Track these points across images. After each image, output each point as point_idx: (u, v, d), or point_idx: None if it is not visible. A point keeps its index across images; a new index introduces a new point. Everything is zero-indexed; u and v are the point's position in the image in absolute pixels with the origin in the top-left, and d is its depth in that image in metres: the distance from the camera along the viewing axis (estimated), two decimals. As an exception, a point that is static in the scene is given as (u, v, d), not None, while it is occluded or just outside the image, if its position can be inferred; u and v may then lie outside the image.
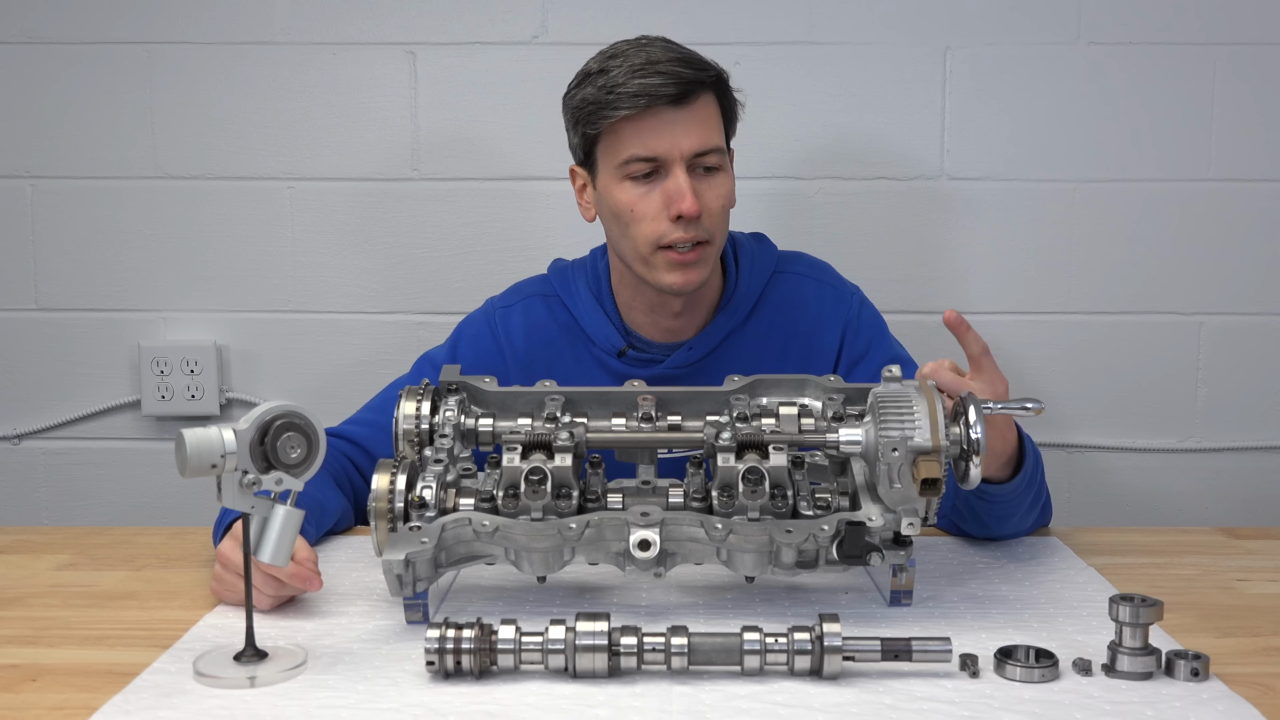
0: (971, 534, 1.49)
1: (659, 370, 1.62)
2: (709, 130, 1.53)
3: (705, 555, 1.21)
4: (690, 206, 1.50)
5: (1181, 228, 2.07)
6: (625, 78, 1.49)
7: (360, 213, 2.10)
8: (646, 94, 1.49)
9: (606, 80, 1.51)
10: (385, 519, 1.21)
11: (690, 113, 1.51)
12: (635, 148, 1.51)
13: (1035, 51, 2.03)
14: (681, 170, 1.51)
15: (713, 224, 1.54)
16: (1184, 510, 2.12)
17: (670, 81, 1.49)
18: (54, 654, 1.17)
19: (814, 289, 1.68)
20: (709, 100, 1.54)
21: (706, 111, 1.53)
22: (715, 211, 1.54)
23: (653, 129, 1.51)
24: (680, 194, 1.50)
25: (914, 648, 1.07)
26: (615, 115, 1.50)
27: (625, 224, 1.54)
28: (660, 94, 1.49)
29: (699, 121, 1.52)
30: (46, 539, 1.57)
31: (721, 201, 1.55)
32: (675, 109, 1.50)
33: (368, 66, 2.06)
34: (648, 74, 1.49)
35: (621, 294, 1.65)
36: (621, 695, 1.05)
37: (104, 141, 2.09)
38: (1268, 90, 2.03)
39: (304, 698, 1.05)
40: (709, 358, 1.63)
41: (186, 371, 2.10)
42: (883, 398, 1.19)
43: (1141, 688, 1.06)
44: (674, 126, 1.50)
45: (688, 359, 1.63)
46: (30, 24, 2.06)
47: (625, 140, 1.52)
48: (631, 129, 1.51)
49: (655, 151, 1.51)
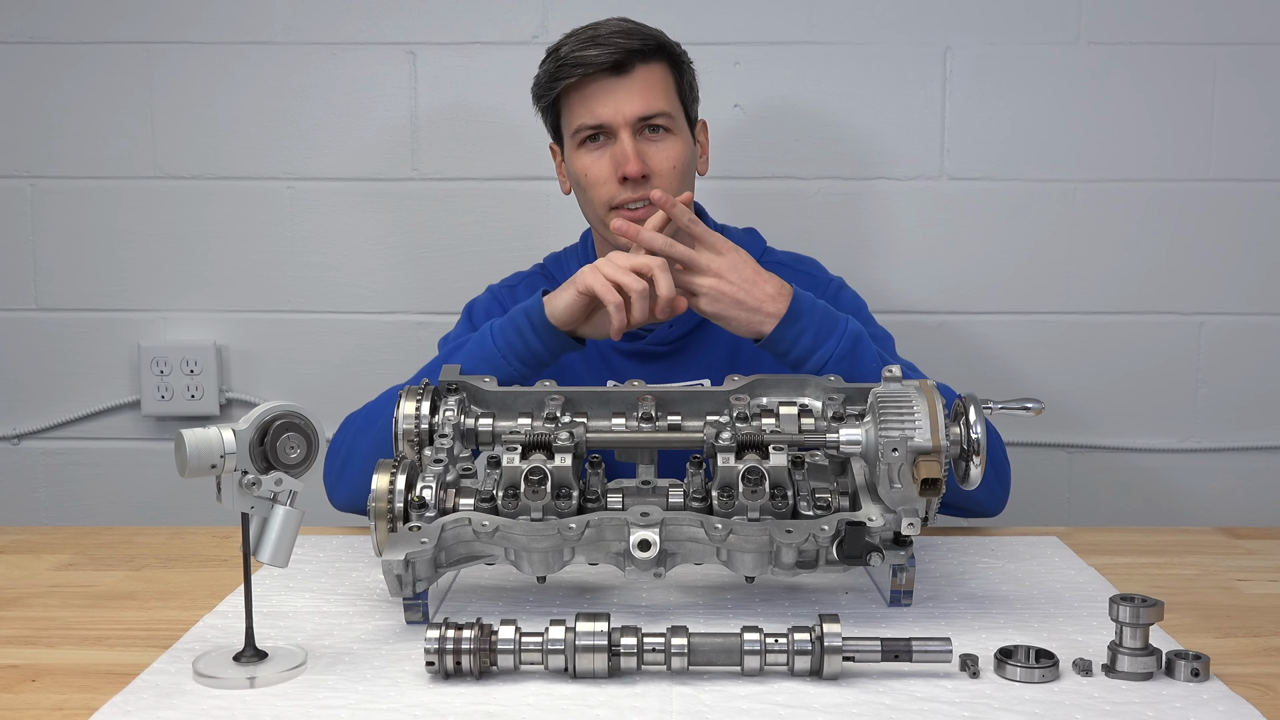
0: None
1: (640, 345, 1.68)
2: (653, 96, 1.60)
3: (705, 555, 1.21)
4: (634, 168, 1.58)
5: (1181, 228, 2.06)
6: (570, 49, 1.60)
7: (360, 213, 2.10)
8: (584, 64, 1.58)
9: (559, 54, 1.61)
10: (385, 519, 1.21)
11: (631, 80, 1.59)
12: (582, 116, 1.61)
13: (1035, 51, 2.03)
14: (627, 134, 1.59)
15: (664, 184, 1.60)
16: (1184, 510, 2.12)
17: (608, 51, 1.58)
18: (54, 654, 1.16)
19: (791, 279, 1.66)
20: (655, 69, 1.62)
21: (650, 78, 1.61)
22: (665, 172, 1.61)
23: (596, 96, 1.60)
24: (625, 157, 1.58)
25: (914, 648, 1.07)
26: (558, 86, 1.61)
27: (584, 189, 1.64)
28: (597, 63, 1.58)
29: (642, 88, 1.60)
30: (46, 539, 1.57)
31: (672, 163, 1.61)
32: (616, 77, 1.59)
33: (368, 66, 2.06)
34: (588, 46, 1.59)
35: None
36: (621, 695, 1.04)
37: (104, 141, 2.09)
38: (1268, 90, 2.03)
39: (304, 698, 1.05)
40: (692, 335, 1.69)
41: (186, 371, 2.10)
42: (883, 398, 1.19)
43: (1142, 688, 1.06)
44: (615, 94, 1.59)
45: (668, 335, 1.69)
46: (30, 24, 2.06)
47: (574, 109, 1.62)
48: (579, 98, 1.61)
49: (599, 119, 1.60)
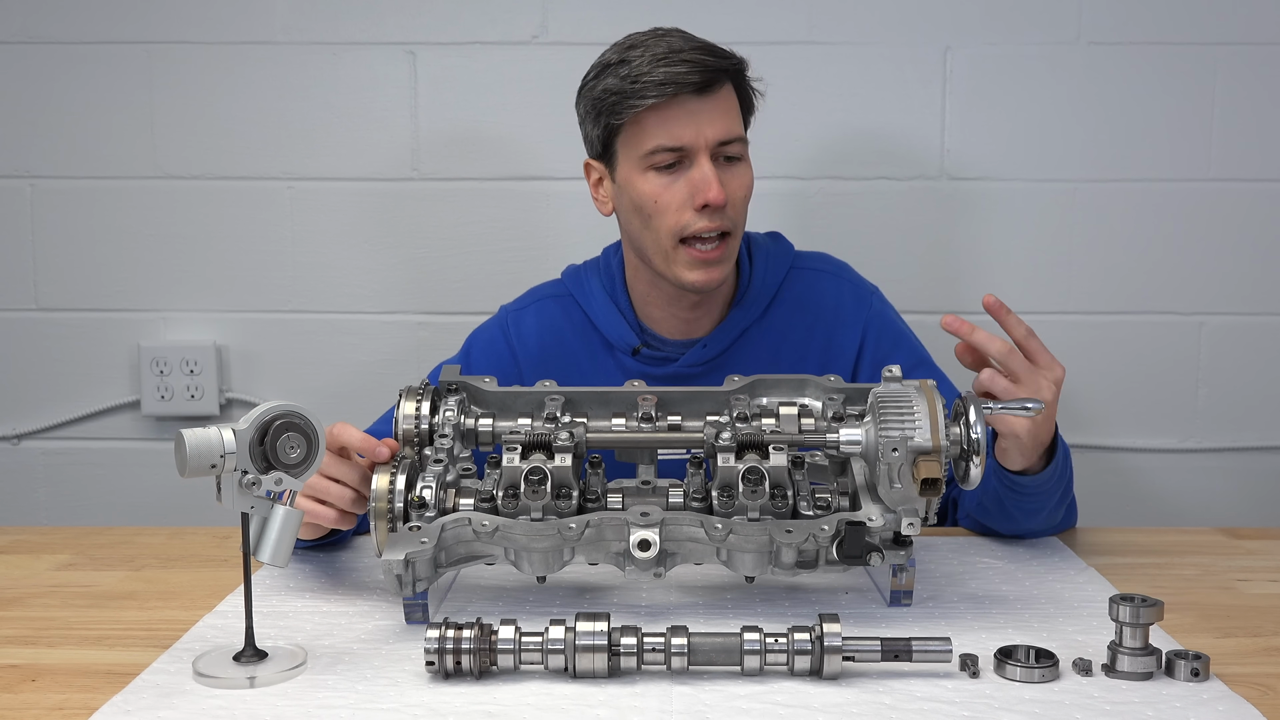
0: (997, 531, 1.48)
1: (674, 369, 1.61)
2: (731, 119, 1.52)
3: (705, 555, 1.21)
4: (717, 195, 1.48)
5: (1181, 228, 2.06)
6: (650, 66, 1.48)
7: (360, 213, 2.10)
8: (673, 82, 1.47)
9: (630, 70, 1.49)
10: (385, 519, 1.21)
11: (714, 101, 1.50)
12: (661, 138, 1.50)
13: (1035, 51, 2.03)
14: (706, 159, 1.50)
15: (736, 214, 1.54)
16: (1184, 510, 2.12)
17: (695, 69, 1.48)
18: (54, 654, 1.16)
19: (832, 285, 1.67)
20: (730, 89, 1.53)
21: (729, 101, 1.53)
22: (738, 201, 1.54)
23: (678, 118, 1.49)
24: (706, 183, 1.49)
25: (914, 648, 1.07)
26: (641, 104, 1.48)
27: (648, 215, 1.53)
28: (686, 82, 1.47)
29: (722, 110, 1.51)
30: (46, 539, 1.57)
31: (744, 191, 1.54)
32: (699, 98, 1.49)
33: (368, 66, 2.06)
34: (672, 62, 1.47)
35: (636, 289, 1.63)
36: (621, 695, 1.04)
37: (104, 141, 2.09)
38: (1268, 90, 2.03)
39: (304, 698, 1.05)
40: (725, 355, 1.61)
41: (186, 371, 2.10)
42: (883, 398, 1.19)
43: (1142, 688, 1.06)
44: (698, 115, 1.49)
45: (702, 356, 1.61)
46: (30, 24, 2.06)
47: (649, 130, 1.50)
48: (656, 119, 1.49)
49: (681, 141, 1.49)
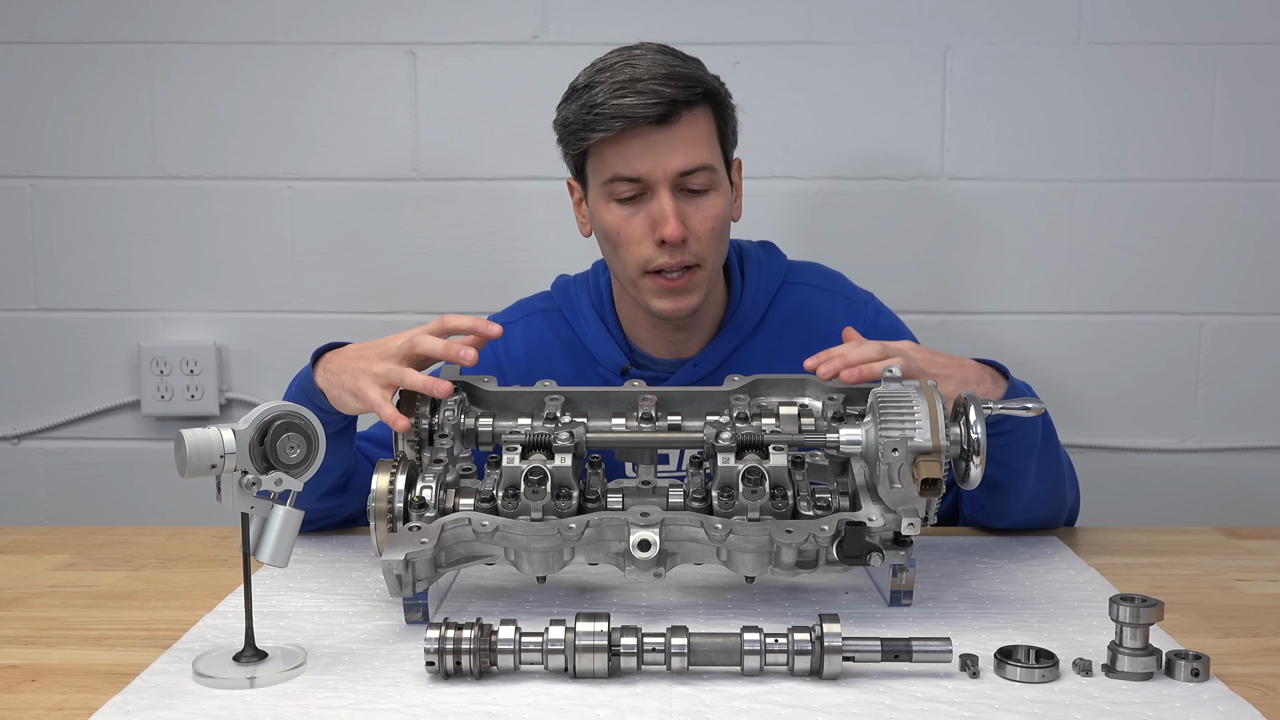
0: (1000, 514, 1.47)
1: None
2: (696, 149, 1.45)
3: (705, 555, 1.21)
4: (673, 231, 1.43)
5: (1181, 228, 2.06)
6: (605, 96, 1.43)
7: (360, 213, 2.10)
8: (623, 115, 1.42)
9: (588, 98, 1.44)
10: (385, 519, 1.21)
11: (675, 132, 1.44)
12: (618, 167, 1.45)
13: (1035, 51, 2.03)
14: (666, 192, 1.45)
15: (701, 248, 1.48)
16: (1184, 510, 2.12)
17: (650, 102, 1.42)
18: (54, 654, 1.16)
19: (825, 299, 1.62)
20: (699, 115, 1.46)
21: (695, 129, 1.46)
22: (703, 235, 1.47)
23: (635, 149, 1.44)
24: (663, 217, 1.44)
25: (914, 648, 1.07)
26: (592, 138, 1.45)
27: (614, 245, 1.50)
28: (638, 115, 1.42)
29: (685, 140, 1.45)
30: (46, 539, 1.57)
31: (710, 224, 1.47)
32: (659, 128, 1.43)
33: (368, 66, 2.06)
34: (626, 93, 1.42)
35: (624, 309, 1.61)
36: (621, 695, 1.04)
37: (104, 141, 2.09)
38: (1268, 90, 2.03)
39: (303, 698, 1.05)
40: (715, 374, 1.58)
41: (186, 371, 2.10)
42: (883, 398, 1.19)
43: (1142, 688, 1.06)
44: (657, 147, 1.44)
45: (692, 376, 1.58)
46: (30, 24, 2.06)
47: (608, 160, 1.46)
48: (613, 149, 1.45)
49: (638, 172, 1.45)
